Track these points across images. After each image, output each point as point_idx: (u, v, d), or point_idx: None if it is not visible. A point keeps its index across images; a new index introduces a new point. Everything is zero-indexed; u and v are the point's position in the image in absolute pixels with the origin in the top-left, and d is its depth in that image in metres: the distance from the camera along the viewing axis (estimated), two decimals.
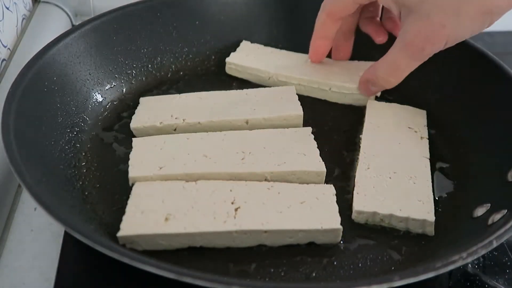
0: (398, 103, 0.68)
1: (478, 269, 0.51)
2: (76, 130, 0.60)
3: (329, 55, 0.73)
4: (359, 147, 0.61)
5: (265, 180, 0.55)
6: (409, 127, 0.64)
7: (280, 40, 0.77)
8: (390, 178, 0.56)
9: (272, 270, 0.48)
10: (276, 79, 0.71)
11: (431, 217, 0.52)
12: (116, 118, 0.65)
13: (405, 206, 0.53)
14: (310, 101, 0.69)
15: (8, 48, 0.73)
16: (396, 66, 0.54)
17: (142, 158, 0.55)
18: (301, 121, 0.63)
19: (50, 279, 0.48)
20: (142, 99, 0.66)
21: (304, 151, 0.57)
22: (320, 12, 0.62)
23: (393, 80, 0.56)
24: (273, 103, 0.64)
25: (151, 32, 0.72)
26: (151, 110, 0.64)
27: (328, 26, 0.62)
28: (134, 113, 0.64)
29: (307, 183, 0.54)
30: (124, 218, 0.49)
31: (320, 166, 0.55)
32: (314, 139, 0.59)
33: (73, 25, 0.87)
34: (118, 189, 0.55)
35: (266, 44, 0.76)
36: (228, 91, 0.67)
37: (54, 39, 0.62)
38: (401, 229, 0.53)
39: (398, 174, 0.57)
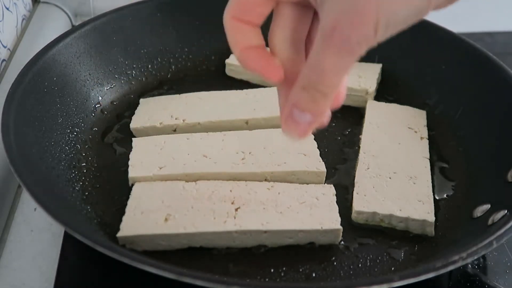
0: (398, 103, 0.68)
1: (478, 269, 0.51)
2: (76, 130, 0.60)
3: None
4: (359, 147, 0.61)
5: (265, 180, 0.55)
6: (409, 127, 0.64)
7: None
8: (390, 178, 0.56)
9: (272, 270, 0.48)
10: None
11: (431, 218, 0.52)
12: (116, 118, 0.65)
13: (405, 206, 0.53)
14: None
15: (8, 49, 0.73)
16: (322, 70, 0.35)
17: (142, 158, 0.55)
18: None
19: (50, 279, 0.48)
20: (142, 100, 0.66)
21: (304, 151, 0.57)
22: (224, 15, 0.40)
23: (325, 89, 0.36)
24: (273, 103, 0.63)
25: (151, 32, 0.72)
26: (151, 111, 0.64)
27: (242, 30, 0.40)
28: (134, 113, 0.64)
29: (307, 183, 0.54)
30: (124, 218, 0.49)
31: (320, 166, 0.55)
32: (314, 139, 0.59)
33: (73, 26, 0.87)
34: (118, 189, 0.55)
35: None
36: (228, 91, 0.67)
37: (54, 39, 0.62)
38: (401, 229, 0.53)
39: (398, 174, 0.57)
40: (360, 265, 0.49)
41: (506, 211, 0.48)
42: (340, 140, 0.64)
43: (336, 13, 0.33)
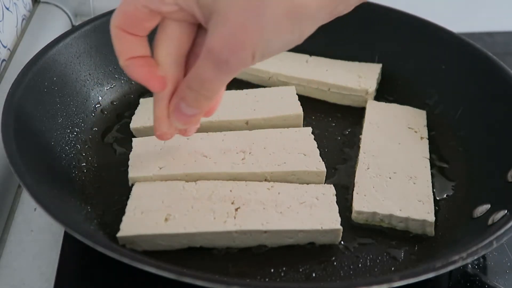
0: (398, 103, 0.68)
1: (478, 269, 0.51)
2: (76, 130, 0.60)
3: (329, 56, 0.73)
4: (359, 147, 0.61)
5: (265, 180, 0.55)
6: (409, 127, 0.64)
7: None
8: (390, 178, 0.56)
9: (272, 270, 0.48)
10: (276, 79, 0.71)
11: (431, 218, 0.52)
12: (116, 118, 0.65)
13: (405, 206, 0.53)
14: (310, 101, 0.69)
15: (8, 49, 0.73)
16: (203, 80, 0.41)
17: (142, 158, 0.55)
18: (301, 121, 0.63)
19: (50, 279, 0.48)
20: (142, 100, 0.66)
21: (304, 151, 0.57)
22: (110, 23, 0.43)
23: (206, 93, 0.42)
24: (273, 103, 0.64)
25: (151, 32, 0.72)
26: (151, 111, 0.63)
27: (127, 40, 0.43)
28: (134, 113, 0.64)
29: (307, 183, 0.54)
30: (124, 218, 0.49)
31: (320, 166, 0.55)
32: (314, 139, 0.59)
33: (73, 25, 0.87)
34: (118, 189, 0.55)
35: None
36: (228, 91, 0.66)
37: (54, 39, 0.62)
38: (401, 229, 0.53)
39: (398, 174, 0.57)
40: (360, 265, 0.49)
41: (506, 211, 0.48)
42: (340, 140, 0.64)
43: (220, 38, 0.38)
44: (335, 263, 0.49)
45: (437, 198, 0.57)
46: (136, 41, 0.42)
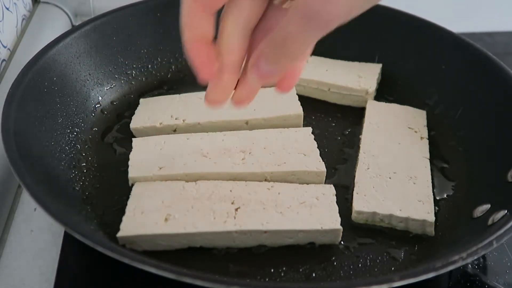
0: (398, 103, 0.68)
1: (478, 269, 0.51)
2: (76, 130, 0.60)
3: (329, 56, 0.73)
4: (359, 147, 0.61)
5: (265, 180, 0.55)
6: (409, 127, 0.64)
7: None
8: (390, 178, 0.56)
9: (272, 270, 0.48)
10: None
11: (431, 217, 0.52)
12: (116, 118, 0.65)
13: (405, 206, 0.53)
14: (310, 101, 0.69)
15: (8, 49, 0.73)
16: (287, 35, 0.38)
17: (141, 159, 0.55)
18: (301, 121, 0.63)
19: (50, 279, 0.48)
20: (142, 100, 0.66)
21: (304, 151, 0.57)
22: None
23: (289, 53, 0.39)
24: (273, 103, 0.64)
25: (151, 32, 0.72)
26: (151, 111, 0.64)
27: (198, 16, 0.41)
28: (134, 113, 0.64)
29: (307, 183, 0.54)
30: (124, 218, 0.49)
31: (320, 166, 0.55)
32: (314, 139, 0.59)
33: (73, 25, 0.87)
34: (118, 189, 0.55)
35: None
36: None
37: (54, 39, 0.62)
38: (401, 229, 0.53)
39: (398, 174, 0.57)
40: (360, 265, 0.49)
41: (506, 211, 0.48)
42: (340, 140, 0.64)
43: None
44: (335, 263, 0.49)
45: (437, 198, 0.57)
46: (207, 18, 0.41)
